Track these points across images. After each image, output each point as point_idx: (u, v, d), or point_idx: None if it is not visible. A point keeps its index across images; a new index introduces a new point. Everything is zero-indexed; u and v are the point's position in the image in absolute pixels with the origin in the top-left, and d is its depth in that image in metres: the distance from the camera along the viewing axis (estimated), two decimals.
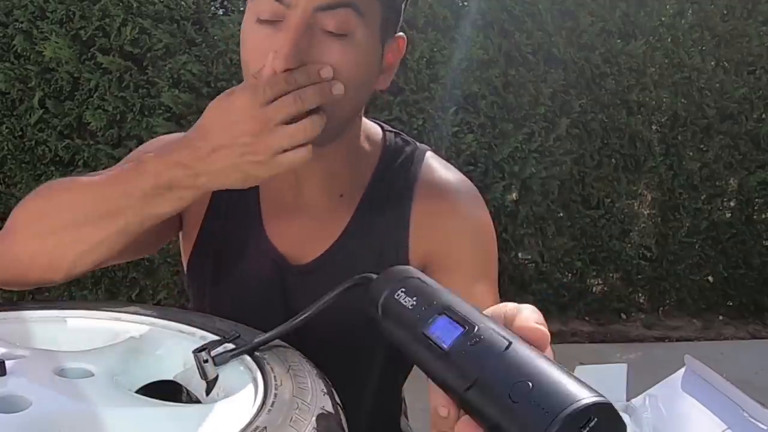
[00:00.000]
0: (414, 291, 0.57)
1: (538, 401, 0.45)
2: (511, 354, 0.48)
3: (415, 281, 0.59)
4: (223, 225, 0.95)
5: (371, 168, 0.93)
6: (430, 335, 0.53)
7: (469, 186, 0.94)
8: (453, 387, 0.50)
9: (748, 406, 1.05)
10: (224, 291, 0.92)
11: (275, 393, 0.64)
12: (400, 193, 0.91)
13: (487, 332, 0.51)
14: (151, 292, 2.98)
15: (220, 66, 2.82)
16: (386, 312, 0.58)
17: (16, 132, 2.87)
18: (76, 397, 0.62)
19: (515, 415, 0.45)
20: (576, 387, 0.45)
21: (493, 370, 0.48)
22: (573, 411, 0.44)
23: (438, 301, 0.55)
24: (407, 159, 0.93)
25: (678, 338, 3.63)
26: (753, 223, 3.86)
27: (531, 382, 0.46)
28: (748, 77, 3.63)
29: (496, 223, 3.66)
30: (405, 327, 0.55)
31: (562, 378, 0.46)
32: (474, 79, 3.13)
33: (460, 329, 0.51)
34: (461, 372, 0.49)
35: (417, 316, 0.55)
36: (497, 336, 0.50)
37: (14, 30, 2.78)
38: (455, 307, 0.54)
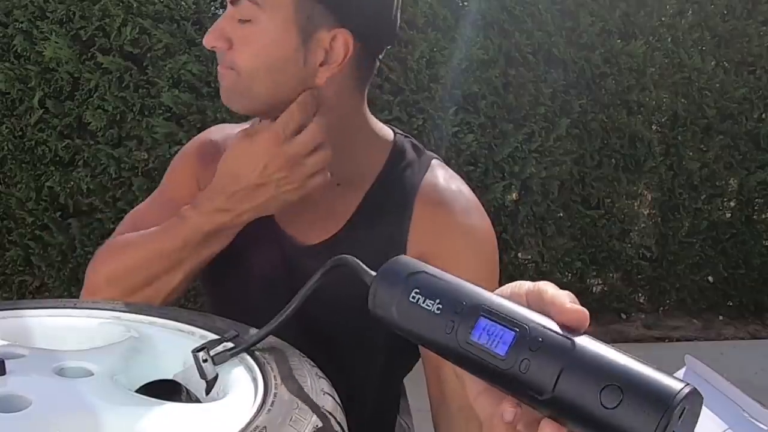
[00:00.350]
0: (431, 290, 0.54)
1: (635, 404, 0.44)
2: (580, 354, 0.47)
3: (425, 277, 0.56)
4: None
5: (379, 165, 0.96)
6: (476, 343, 0.50)
7: (470, 196, 0.97)
8: (526, 394, 0.49)
9: (748, 406, 1.05)
10: (233, 273, 0.96)
11: (275, 392, 0.64)
12: (403, 194, 0.94)
13: (542, 332, 0.49)
14: None
15: None
16: (407, 318, 0.55)
17: (16, 132, 2.87)
18: (75, 396, 0.62)
19: (614, 422, 0.45)
20: (662, 381, 0.45)
21: (571, 378, 0.47)
22: (673, 406, 0.44)
23: (467, 299, 0.52)
24: (413, 162, 0.97)
25: (678, 338, 3.63)
26: (753, 223, 3.86)
27: (618, 384, 0.45)
28: (748, 77, 3.63)
29: (496, 222, 3.63)
30: (439, 335, 0.53)
31: (645, 372, 0.46)
32: (474, 79, 3.13)
33: (510, 333, 0.49)
34: (532, 381, 0.48)
35: (452, 323, 0.52)
36: (555, 335, 0.48)
37: (14, 30, 2.78)
38: (490, 305, 0.51)
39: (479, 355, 0.50)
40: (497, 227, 3.47)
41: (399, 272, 0.57)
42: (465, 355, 0.51)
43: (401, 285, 0.56)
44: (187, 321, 0.79)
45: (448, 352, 0.53)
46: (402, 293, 0.55)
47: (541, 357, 0.48)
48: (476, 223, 0.94)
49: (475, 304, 0.52)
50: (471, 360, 0.51)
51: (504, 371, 0.49)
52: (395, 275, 0.57)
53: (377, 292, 0.57)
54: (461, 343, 0.51)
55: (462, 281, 0.55)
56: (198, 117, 2.82)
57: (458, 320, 0.51)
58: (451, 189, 0.95)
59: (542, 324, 0.49)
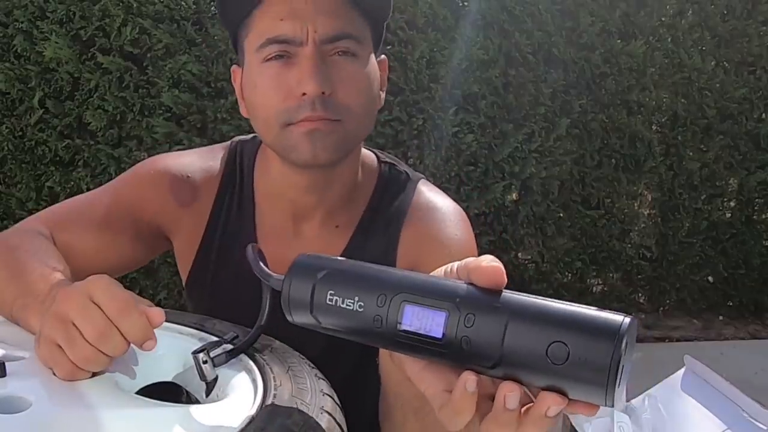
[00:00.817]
0: (345, 288, 0.53)
1: (583, 356, 0.45)
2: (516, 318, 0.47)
3: (334, 274, 0.54)
4: (219, 250, 0.99)
5: (366, 199, 0.98)
6: (409, 331, 0.50)
7: (455, 209, 0.99)
8: (472, 368, 0.49)
9: (747, 406, 1.05)
10: (221, 313, 0.92)
11: (274, 393, 0.64)
12: (390, 220, 0.96)
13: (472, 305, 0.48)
14: (151, 292, 2.98)
15: (220, 66, 2.81)
16: (330, 320, 0.54)
17: (16, 132, 2.87)
18: (76, 398, 0.62)
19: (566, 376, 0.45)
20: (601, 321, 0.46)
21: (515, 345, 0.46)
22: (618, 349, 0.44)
23: (386, 290, 0.51)
24: (399, 189, 0.98)
25: (678, 338, 3.63)
26: (753, 224, 3.86)
27: (562, 340, 0.45)
28: (748, 77, 3.63)
29: (496, 222, 3.63)
30: (368, 331, 0.52)
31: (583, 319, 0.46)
32: (474, 80, 3.13)
33: (441, 314, 0.49)
34: (476, 354, 0.48)
35: (378, 317, 0.51)
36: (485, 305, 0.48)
37: (14, 30, 2.78)
38: (408, 288, 0.51)
39: (415, 342, 0.50)
40: (497, 227, 3.49)
41: (308, 275, 0.55)
42: (401, 343, 0.51)
43: (313, 289, 0.54)
44: (187, 323, 0.79)
45: (382, 344, 0.53)
46: (318, 297, 0.54)
47: (478, 330, 0.48)
48: (452, 234, 0.95)
49: (395, 292, 0.51)
50: (408, 346, 0.51)
51: (445, 351, 0.49)
52: (305, 279, 0.55)
53: (290, 300, 0.56)
54: (394, 334, 0.51)
55: (372, 268, 0.54)
56: (198, 117, 2.82)
57: (384, 313, 0.51)
58: (435, 206, 0.97)
59: (468, 295, 0.49)
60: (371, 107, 0.88)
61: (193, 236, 1.00)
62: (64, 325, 0.64)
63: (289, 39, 0.82)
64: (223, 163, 1.01)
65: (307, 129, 0.83)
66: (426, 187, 1.00)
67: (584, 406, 0.48)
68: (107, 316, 0.64)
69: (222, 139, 2.76)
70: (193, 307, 1.04)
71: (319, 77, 0.80)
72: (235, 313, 0.89)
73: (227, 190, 0.99)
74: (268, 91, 0.84)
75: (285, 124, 0.84)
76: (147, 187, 0.99)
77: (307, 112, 0.82)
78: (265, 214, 0.98)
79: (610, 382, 0.44)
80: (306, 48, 0.82)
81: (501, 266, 0.50)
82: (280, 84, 0.83)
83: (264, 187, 0.99)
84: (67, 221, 0.97)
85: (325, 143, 0.83)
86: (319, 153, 0.84)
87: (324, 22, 0.82)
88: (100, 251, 0.96)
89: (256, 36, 0.85)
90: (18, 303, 0.77)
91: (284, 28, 0.82)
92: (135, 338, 0.65)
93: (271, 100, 0.84)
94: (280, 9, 0.83)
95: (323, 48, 0.82)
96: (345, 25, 0.84)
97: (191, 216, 0.99)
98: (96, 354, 0.64)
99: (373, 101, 0.88)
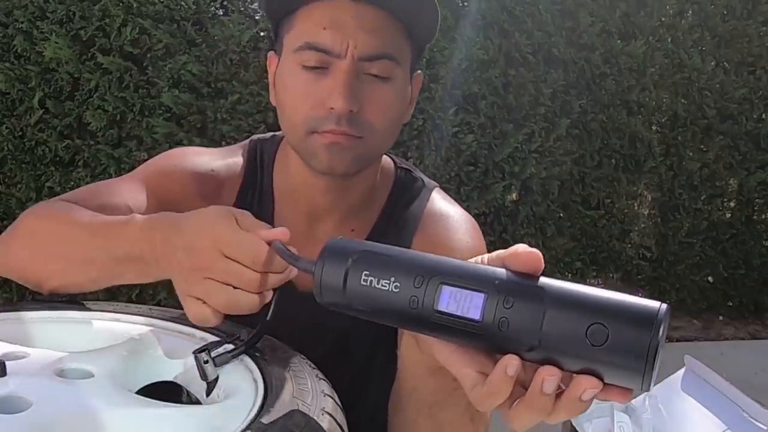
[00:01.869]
0: (381, 269, 0.53)
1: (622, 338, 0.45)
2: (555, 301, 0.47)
3: (370, 256, 0.54)
4: None
5: (381, 203, 0.99)
6: (446, 312, 0.50)
7: (468, 219, 1.00)
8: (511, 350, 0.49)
9: (747, 406, 1.05)
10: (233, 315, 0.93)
11: (275, 394, 0.64)
12: (404, 226, 0.97)
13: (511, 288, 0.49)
14: (151, 292, 2.98)
15: (220, 66, 2.81)
16: (363, 302, 0.54)
17: (16, 132, 2.87)
18: (76, 397, 0.62)
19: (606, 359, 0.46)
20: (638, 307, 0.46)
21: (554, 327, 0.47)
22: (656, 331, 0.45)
23: (423, 271, 0.52)
24: (414, 195, 1.00)
25: (678, 338, 3.63)
26: (753, 224, 3.86)
27: (602, 322, 0.46)
28: (748, 77, 3.63)
29: (496, 222, 3.62)
30: (404, 313, 0.52)
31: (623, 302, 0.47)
32: (474, 80, 3.13)
33: (479, 295, 0.49)
34: (514, 337, 0.48)
35: (415, 298, 0.51)
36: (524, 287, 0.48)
37: (14, 30, 2.77)
38: (448, 272, 0.51)
39: (452, 324, 0.50)
40: (497, 227, 3.49)
41: (342, 256, 0.55)
42: (437, 326, 0.51)
43: (348, 270, 0.54)
44: (188, 323, 0.79)
45: (417, 327, 0.53)
46: (352, 278, 0.54)
47: (517, 313, 0.48)
48: (464, 242, 0.96)
49: (433, 274, 0.51)
50: (444, 328, 0.51)
51: (483, 333, 0.49)
52: (339, 260, 0.55)
53: (323, 282, 0.56)
54: (430, 315, 0.51)
55: (408, 252, 0.55)
56: (198, 117, 2.82)
57: (421, 294, 0.51)
58: (449, 214, 0.99)
59: (506, 278, 0.50)
60: (395, 126, 0.90)
61: None
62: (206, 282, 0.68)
63: (328, 49, 0.82)
64: (245, 161, 1.01)
65: (329, 141, 0.84)
66: (440, 195, 1.02)
67: (618, 392, 0.48)
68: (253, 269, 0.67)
69: (222, 139, 2.77)
70: None
71: (349, 96, 0.81)
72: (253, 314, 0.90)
73: (249, 187, 1.00)
74: (299, 97, 0.85)
75: (310, 131, 0.85)
76: (171, 177, 0.98)
77: (332, 125, 0.83)
78: (282, 216, 0.98)
79: (648, 365, 0.45)
80: (343, 62, 0.82)
81: (539, 252, 0.51)
82: (311, 92, 0.84)
83: (282, 185, 0.99)
84: (93, 199, 0.92)
85: (343, 156, 0.85)
86: (336, 165, 0.85)
87: (365, 40, 0.82)
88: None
89: (296, 36, 0.85)
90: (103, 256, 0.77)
91: (325, 37, 0.82)
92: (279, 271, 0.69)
93: (301, 106, 0.85)
94: (324, 16, 0.83)
95: (360, 65, 0.83)
96: (386, 45, 0.84)
97: None
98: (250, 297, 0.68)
99: (398, 121, 0.90)
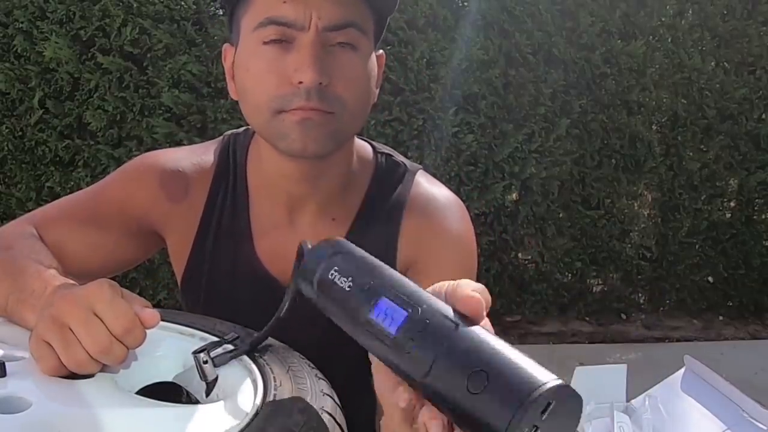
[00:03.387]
0: (348, 270, 0.56)
1: (497, 392, 0.44)
2: (458, 339, 0.47)
3: (346, 257, 0.57)
4: (214, 246, 0.97)
5: (363, 190, 0.97)
6: (374, 321, 0.51)
7: (455, 201, 0.98)
8: (409, 375, 0.49)
9: (747, 406, 1.05)
10: (216, 310, 0.91)
11: (275, 394, 0.64)
12: (390, 213, 0.95)
13: (433, 314, 0.49)
14: (151, 292, 2.98)
15: (220, 66, 2.80)
16: (322, 292, 0.57)
17: (16, 132, 2.87)
18: (76, 398, 0.62)
19: (476, 408, 0.44)
20: (530, 372, 0.44)
21: (445, 362, 0.47)
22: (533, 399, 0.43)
23: (375, 280, 0.53)
24: (397, 181, 0.97)
25: (678, 338, 3.63)
26: (753, 224, 3.86)
27: (486, 371, 0.45)
28: (748, 77, 3.63)
29: (496, 223, 3.62)
30: (346, 312, 0.54)
31: (515, 362, 0.45)
32: (474, 80, 3.13)
33: (403, 313, 0.50)
34: (414, 361, 0.48)
35: (357, 300, 0.53)
36: (443, 318, 0.49)
37: (14, 30, 2.78)
38: (395, 287, 0.52)
39: (375, 333, 0.51)
40: (497, 227, 3.49)
41: (326, 250, 0.59)
42: (363, 332, 0.53)
43: (324, 262, 0.58)
44: (187, 323, 0.79)
45: (351, 329, 0.55)
46: (323, 269, 0.57)
47: (424, 339, 0.48)
48: (454, 227, 0.96)
49: (380, 284, 0.53)
50: (368, 337, 0.52)
51: (392, 351, 0.50)
52: (322, 252, 0.59)
53: (305, 265, 0.60)
54: (362, 320, 0.52)
55: (381, 265, 0.56)
56: (198, 117, 2.82)
57: (363, 298, 0.53)
58: (435, 197, 0.97)
59: (436, 308, 0.50)
60: (366, 102, 0.86)
61: (186, 232, 0.98)
62: (60, 329, 0.64)
63: (291, 22, 0.79)
64: (216, 157, 0.99)
65: (300, 118, 0.80)
66: (424, 178, 0.99)
67: None
68: (111, 332, 0.63)
69: None
70: (188, 304, 1.02)
71: (317, 67, 0.77)
72: (231, 307, 0.88)
73: (221, 184, 0.97)
74: (263, 76, 0.81)
75: (277, 111, 0.81)
76: (135, 183, 0.97)
77: (302, 102, 0.79)
78: (259, 207, 0.96)
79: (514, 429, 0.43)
80: (307, 34, 0.78)
81: (480, 300, 0.50)
82: (275, 69, 0.80)
83: (257, 179, 0.97)
84: (55, 220, 0.96)
85: (316, 134, 0.81)
86: (309, 144, 0.81)
87: (329, 9, 0.79)
88: (90, 249, 0.95)
89: (254, 14, 0.81)
90: (12, 298, 0.77)
91: (287, 9, 0.79)
92: (134, 348, 0.66)
93: (265, 86, 0.81)
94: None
95: (325, 36, 0.79)
96: (350, 14, 0.80)
97: (184, 211, 0.97)
98: (90, 362, 0.64)
99: (368, 96, 0.86)
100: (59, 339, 0.64)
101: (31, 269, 0.81)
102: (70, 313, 0.64)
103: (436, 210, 0.95)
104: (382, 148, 1.01)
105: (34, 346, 0.66)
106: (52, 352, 0.64)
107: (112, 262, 0.98)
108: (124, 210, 0.96)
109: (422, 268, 0.94)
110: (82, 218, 0.96)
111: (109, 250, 0.96)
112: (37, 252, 0.86)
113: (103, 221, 0.96)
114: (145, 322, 0.65)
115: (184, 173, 0.96)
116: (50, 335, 0.64)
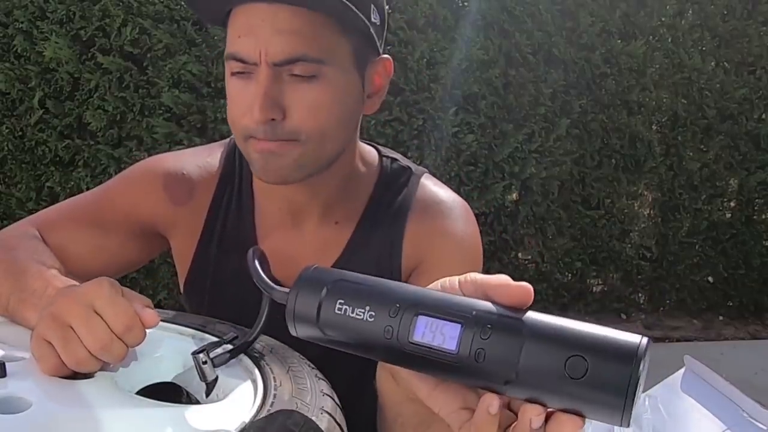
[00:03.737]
0: (356, 298, 0.51)
1: (602, 370, 0.44)
2: (534, 332, 0.46)
3: (344, 285, 0.52)
4: (219, 249, 0.98)
5: (367, 194, 0.97)
6: (421, 343, 0.48)
7: (461, 203, 0.98)
8: (488, 383, 0.47)
9: (747, 406, 1.05)
10: (220, 313, 0.91)
11: (274, 394, 0.64)
12: (395, 215, 0.95)
13: (488, 316, 0.47)
14: (151, 292, 2.98)
15: (220, 66, 2.81)
16: (337, 331, 0.52)
17: (16, 132, 2.87)
18: (76, 398, 0.62)
19: (585, 392, 0.44)
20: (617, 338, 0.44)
21: (532, 358, 0.45)
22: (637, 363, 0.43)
23: (399, 300, 0.50)
24: (402, 184, 0.97)
25: (678, 338, 3.63)
26: (753, 224, 3.86)
27: (581, 354, 0.44)
28: (748, 77, 3.63)
29: (496, 223, 3.61)
30: (381, 343, 0.50)
31: (599, 335, 0.45)
32: (474, 80, 3.13)
33: (455, 325, 0.47)
34: (492, 369, 0.46)
35: (390, 328, 0.49)
36: (503, 318, 0.47)
37: (14, 30, 2.78)
38: (425, 301, 0.49)
39: (427, 354, 0.48)
40: (497, 227, 3.49)
41: (316, 285, 0.53)
42: (411, 356, 0.49)
43: (322, 298, 0.52)
44: (187, 323, 0.79)
45: (391, 357, 0.51)
46: (326, 308, 0.52)
47: (495, 343, 0.46)
48: (459, 228, 0.95)
49: (409, 303, 0.49)
50: (419, 360, 0.49)
51: (459, 365, 0.47)
52: (311, 291, 0.53)
53: (296, 314, 0.54)
54: (404, 345, 0.49)
55: (384, 281, 0.52)
56: (198, 117, 2.82)
57: (396, 323, 0.49)
58: (441, 199, 0.97)
59: (486, 309, 0.48)
60: (341, 123, 0.84)
61: (191, 235, 0.98)
62: (61, 327, 0.65)
63: (245, 58, 0.79)
64: (221, 160, 0.99)
65: (261, 148, 0.81)
66: (430, 181, 0.99)
67: None
68: (111, 329, 0.64)
69: (222, 139, 2.77)
70: (192, 307, 1.03)
71: (265, 104, 0.78)
72: (236, 311, 0.88)
73: (226, 187, 0.98)
74: (232, 105, 0.83)
75: (247, 137, 0.83)
76: (140, 186, 0.97)
77: (260, 134, 0.80)
78: (264, 211, 0.97)
79: (628, 400, 0.43)
80: (261, 69, 0.78)
81: (529, 286, 0.49)
82: (240, 101, 0.82)
83: (261, 183, 0.97)
84: (58, 222, 0.96)
85: (277, 165, 0.82)
86: (271, 174, 0.83)
87: (276, 44, 0.77)
88: (93, 252, 0.95)
89: (227, 45, 0.82)
90: (14, 298, 0.78)
91: (240, 45, 0.79)
92: (134, 346, 0.66)
93: (234, 114, 0.83)
94: (241, 23, 0.79)
95: (278, 70, 0.78)
96: (301, 45, 0.78)
97: (188, 214, 0.97)
98: (90, 359, 0.64)
99: (338, 120, 0.84)
100: (59, 337, 0.64)
101: (33, 269, 0.81)
102: (70, 311, 0.65)
103: (441, 212, 0.96)
104: (388, 152, 1.02)
105: (35, 345, 0.66)
106: (53, 351, 0.64)
107: (114, 265, 0.98)
108: (128, 213, 0.97)
109: (427, 268, 0.94)
110: (85, 221, 0.96)
111: (112, 252, 0.97)
112: (39, 253, 0.87)
113: (107, 224, 0.96)
114: (145, 322, 0.66)
115: (188, 176, 0.97)
116: (50, 333, 0.65)
